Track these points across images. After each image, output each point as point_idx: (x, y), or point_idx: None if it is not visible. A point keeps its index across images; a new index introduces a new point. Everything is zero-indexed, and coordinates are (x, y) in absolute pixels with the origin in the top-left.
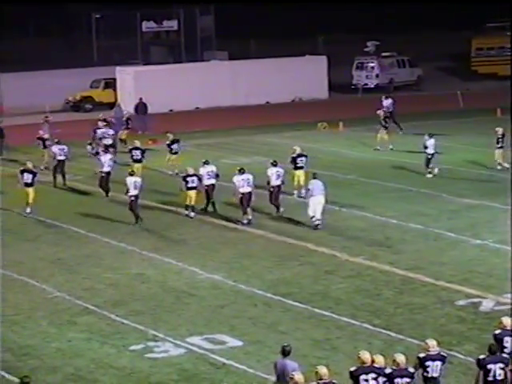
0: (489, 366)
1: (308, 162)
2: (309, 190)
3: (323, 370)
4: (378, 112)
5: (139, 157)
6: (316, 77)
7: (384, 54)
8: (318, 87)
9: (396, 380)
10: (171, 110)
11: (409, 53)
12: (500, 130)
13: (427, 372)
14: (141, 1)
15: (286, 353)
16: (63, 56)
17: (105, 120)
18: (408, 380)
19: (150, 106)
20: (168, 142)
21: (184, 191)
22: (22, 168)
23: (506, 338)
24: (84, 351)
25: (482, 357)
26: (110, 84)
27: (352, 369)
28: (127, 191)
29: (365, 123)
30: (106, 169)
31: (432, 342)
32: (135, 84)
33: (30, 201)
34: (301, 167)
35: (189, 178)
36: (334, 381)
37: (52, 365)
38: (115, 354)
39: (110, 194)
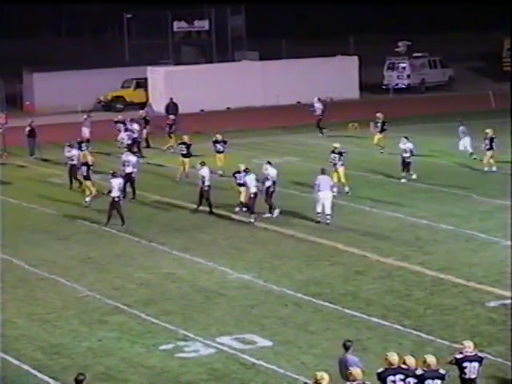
0: None
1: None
2: (316, 185)
3: (357, 370)
4: (378, 114)
5: (185, 151)
6: (347, 77)
7: (415, 54)
8: (349, 87)
9: (427, 381)
10: (202, 110)
11: (440, 53)
12: (490, 132)
13: (464, 373)
14: (172, 1)
15: (346, 348)
16: (95, 56)
17: (123, 122)
18: (439, 381)
19: (181, 105)
20: (213, 140)
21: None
22: (82, 161)
23: None
24: (114, 350)
25: None
26: (142, 84)
27: (379, 370)
28: (109, 191)
29: (395, 124)
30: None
31: (469, 343)
32: (166, 84)
33: (89, 192)
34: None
35: (238, 175)
36: (367, 382)
37: (82, 364)
38: (145, 353)
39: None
